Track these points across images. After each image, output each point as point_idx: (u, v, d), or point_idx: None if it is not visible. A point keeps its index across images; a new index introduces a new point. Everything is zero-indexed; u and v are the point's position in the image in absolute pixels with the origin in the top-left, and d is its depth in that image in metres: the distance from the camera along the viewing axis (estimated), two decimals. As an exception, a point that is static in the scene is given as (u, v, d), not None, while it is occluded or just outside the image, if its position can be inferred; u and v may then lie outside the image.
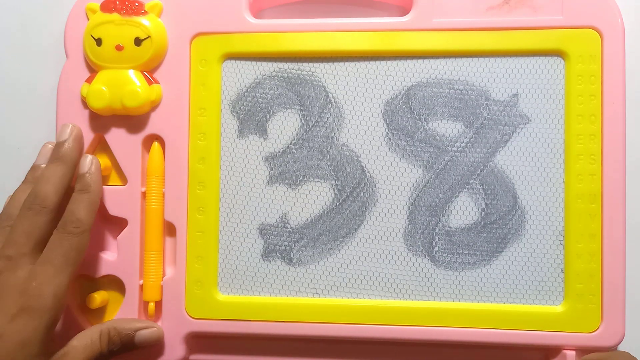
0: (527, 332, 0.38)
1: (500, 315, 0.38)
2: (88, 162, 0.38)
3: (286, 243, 0.40)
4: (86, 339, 0.37)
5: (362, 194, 0.40)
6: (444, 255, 0.39)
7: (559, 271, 0.39)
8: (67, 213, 0.37)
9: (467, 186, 0.39)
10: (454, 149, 0.39)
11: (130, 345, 0.38)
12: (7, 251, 0.35)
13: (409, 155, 0.40)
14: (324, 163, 0.40)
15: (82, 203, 0.37)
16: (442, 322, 0.39)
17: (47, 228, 0.36)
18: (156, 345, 0.39)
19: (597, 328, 0.38)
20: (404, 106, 0.40)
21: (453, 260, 0.39)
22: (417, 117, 0.40)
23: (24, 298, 0.34)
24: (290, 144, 0.40)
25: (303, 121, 0.40)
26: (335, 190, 0.40)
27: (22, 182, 0.38)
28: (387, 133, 0.40)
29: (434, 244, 0.39)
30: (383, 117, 0.40)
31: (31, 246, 0.35)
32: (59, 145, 0.39)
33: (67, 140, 0.39)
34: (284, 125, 0.41)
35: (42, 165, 0.39)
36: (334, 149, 0.40)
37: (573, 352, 0.38)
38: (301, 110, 0.40)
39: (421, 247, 0.39)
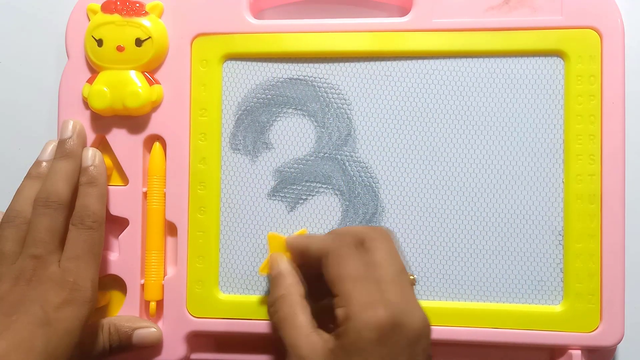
0: (526, 331, 0.38)
1: (499, 315, 0.39)
2: (91, 155, 0.39)
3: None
4: (91, 333, 0.38)
5: (364, 194, 0.40)
6: (442, 254, 0.39)
7: (558, 271, 0.39)
8: (80, 208, 0.37)
9: (469, 186, 0.39)
10: (453, 147, 0.40)
11: (127, 343, 0.39)
12: (34, 250, 0.36)
13: (410, 155, 0.40)
14: (324, 163, 0.40)
15: (93, 197, 0.38)
16: (442, 322, 0.39)
17: (65, 224, 0.37)
18: (157, 345, 0.40)
19: (596, 328, 0.38)
20: (404, 106, 0.40)
21: (452, 260, 0.39)
22: (419, 117, 0.40)
23: (65, 291, 0.35)
24: (290, 144, 0.41)
25: (303, 121, 0.41)
26: (336, 190, 0.40)
27: (26, 178, 0.39)
28: (388, 133, 0.40)
29: (433, 243, 0.40)
30: (384, 117, 0.40)
31: (56, 244, 0.36)
32: (63, 141, 0.39)
33: (72, 137, 0.39)
34: (284, 125, 0.41)
35: (46, 161, 0.39)
36: (334, 150, 0.40)
37: (579, 352, 0.38)
38: (301, 110, 0.41)
39: (419, 246, 0.40)
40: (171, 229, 0.41)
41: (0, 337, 0.33)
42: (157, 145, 0.41)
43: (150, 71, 0.41)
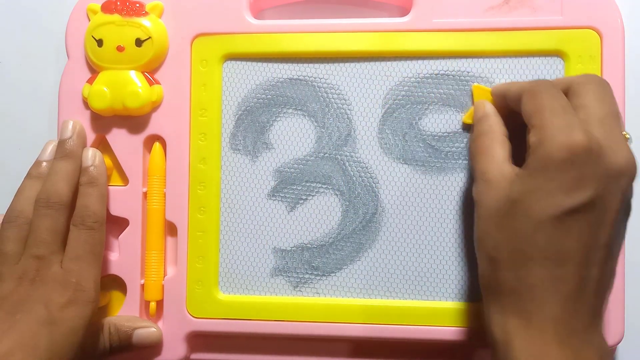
0: (526, 331, 0.38)
1: (499, 315, 0.39)
2: (91, 155, 0.39)
3: (287, 242, 0.40)
4: (91, 333, 0.38)
5: (364, 194, 0.40)
6: (443, 254, 0.39)
7: (558, 271, 0.39)
8: (81, 208, 0.37)
9: (469, 186, 0.39)
10: (453, 148, 0.40)
11: (127, 343, 0.39)
12: (37, 251, 0.36)
13: (409, 156, 0.40)
14: (324, 164, 0.40)
15: (93, 197, 0.38)
16: (443, 322, 0.39)
17: (67, 224, 0.37)
18: (157, 345, 0.40)
19: (597, 328, 0.38)
20: (405, 106, 0.40)
21: (453, 260, 0.39)
22: (419, 117, 0.40)
23: (68, 291, 0.35)
24: (290, 144, 0.41)
25: (303, 121, 0.41)
26: (336, 191, 0.40)
27: (27, 178, 0.39)
28: (389, 134, 0.40)
29: (433, 243, 0.40)
30: (384, 116, 0.40)
31: (58, 244, 0.37)
32: (63, 141, 0.39)
33: (72, 137, 0.39)
34: (284, 125, 0.41)
35: (46, 161, 0.39)
36: (334, 150, 0.40)
37: None
38: (301, 110, 0.41)
39: (419, 246, 0.40)
40: (171, 229, 0.41)
41: (5, 335, 0.33)
42: (157, 145, 0.41)
43: (150, 71, 0.41)
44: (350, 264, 0.40)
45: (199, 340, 0.41)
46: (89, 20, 0.41)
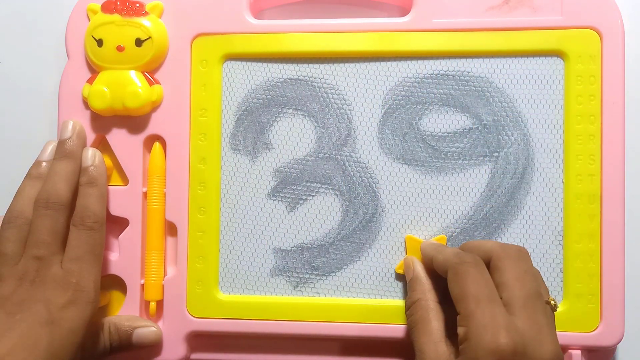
0: (526, 331, 0.38)
1: (499, 315, 0.39)
2: (91, 155, 0.39)
3: (287, 242, 0.40)
4: (91, 333, 0.38)
5: (363, 194, 0.40)
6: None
7: (558, 271, 0.39)
8: (81, 208, 0.37)
9: (468, 186, 0.39)
10: (453, 149, 0.40)
11: (127, 342, 0.39)
12: (37, 252, 0.36)
13: (409, 156, 0.40)
14: (324, 164, 0.40)
15: (93, 197, 0.38)
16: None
17: (67, 224, 0.37)
18: (157, 344, 0.40)
19: (596, 327, 0.38)
20: (405, 106, 0.40)
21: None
22: (419, 117, 0.40)
23: (68, 292, 0.35)
24: (290, 144, 0.41)
25: (303, 122, 0.41)
26: (336, 191, 0.40)
27: (27, 178, 0.39)
28: (389, 134, 0.40)
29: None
30: (383, 117, 0.40)
31: (58, 244, 0.37)
32: (63, 142, 0.39)
33: (71, 137, 0.39)
34: (284, 125, 0.41)
35: (46, 161, 0.39)
36: (334, 150, 0.40)
37: (579, 352, 0.38)
38: (301, 110, 0.41)
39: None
40: (171, 229, 0.41)
41: (5, 336, 0.34)
42: (157, 145, 0.41)
43: (150, 71, 0.41)
44: (350, 264, 0.40)
45: (199, 340, 0.41)
46: (89, 20, 0.41)
